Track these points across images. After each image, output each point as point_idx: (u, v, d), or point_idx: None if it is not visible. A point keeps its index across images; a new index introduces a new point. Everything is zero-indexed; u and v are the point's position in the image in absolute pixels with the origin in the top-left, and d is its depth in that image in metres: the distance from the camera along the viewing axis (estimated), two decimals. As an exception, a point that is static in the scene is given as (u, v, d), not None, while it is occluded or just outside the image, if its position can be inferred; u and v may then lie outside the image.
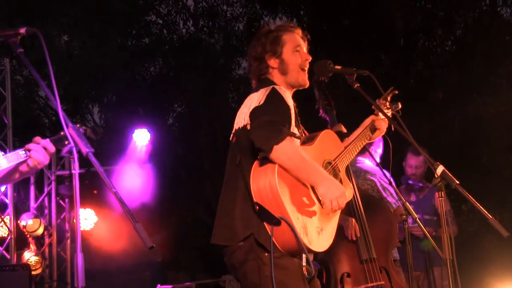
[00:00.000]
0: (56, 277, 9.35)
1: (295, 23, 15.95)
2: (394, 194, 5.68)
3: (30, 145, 2.99)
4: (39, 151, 2.98)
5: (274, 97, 3.68)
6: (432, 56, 14.87)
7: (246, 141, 3.65)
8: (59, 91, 2.65)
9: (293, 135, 3.67)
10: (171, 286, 9.35)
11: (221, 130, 13.65)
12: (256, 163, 3.61)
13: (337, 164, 3.97)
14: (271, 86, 3.75)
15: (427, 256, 6.28)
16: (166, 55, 16.35)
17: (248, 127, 3.64)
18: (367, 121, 4.38)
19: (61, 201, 9.52)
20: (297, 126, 3.89)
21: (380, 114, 4.26)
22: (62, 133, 2.99)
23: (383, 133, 4.40)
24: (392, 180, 4.93)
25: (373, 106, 4.16)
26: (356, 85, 3.90)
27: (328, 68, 4.09)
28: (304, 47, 4.06)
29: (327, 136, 4.03)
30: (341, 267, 4.66)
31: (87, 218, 9.65)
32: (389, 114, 4.29)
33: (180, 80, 15.17)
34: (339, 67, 4.08)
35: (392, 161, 4.73)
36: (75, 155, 2.50)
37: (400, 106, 4.38)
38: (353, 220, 4.62)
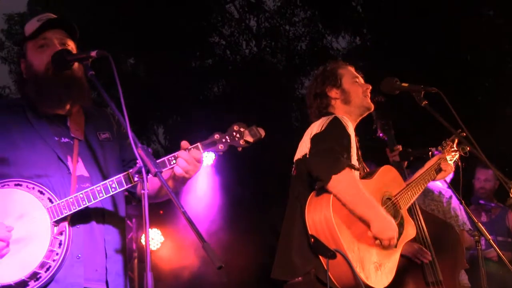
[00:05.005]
0: (123, 296, 9.44)
1: (358, 41, 15.83)
2: (464, 215, 5.53)
3: (179, 152, 2.88)
4: (186, 158, 2.88)
5: (336, 125, 3.67)
6: (501, 72, 14.48)
7: (305, 171, 3.63)
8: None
9: (352, 166, 3.60)
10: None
11: (285, 150, 13.61)
12: (312, 194, 3.58)
13: (398, 201, 3.88)
14: (333, 115, 3.75)
15: (501, 280, 6.06)
16: (229, 76, 16.49)
17: (308, 155, 3.63)
18: (433, 160, 4.32)
19: (128, 221, 9.64)
20: (358, 160, 3.84)
21: (448, 156, 4.26)
22: (216, 136, 2.96)
23: (448, 174, 4.34)
24: (462, 200, 4.81)
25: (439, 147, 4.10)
26: (424, 103, 3.83)
27: (395, 85, 4.05)
28: (361, 79, 4.07)
29: (387, 172, 3.98)
30: (407, 290, 4.56)
31: (153, 238, 9.75)
32: (456, 157, 4.31)
33: (243, 100, 15.25)
34: (406, 85, 4.03)
35: (462, 182, 4.61)
36: (144, 175, 2.51)
37: (468, 149, 4.30)
38: (417, 245, 4.45)
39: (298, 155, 3.78)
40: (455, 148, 4.37)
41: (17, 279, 2.68)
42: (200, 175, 9.74)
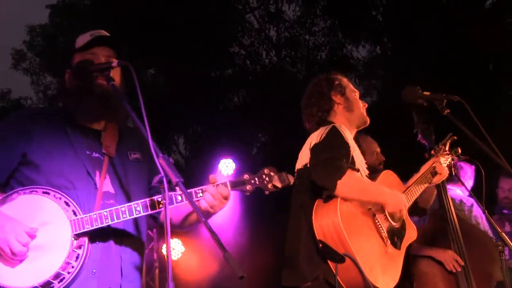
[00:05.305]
0: (145, 306, 9.47)
1: (379, 50, 15.74)
2: (486, 224, 5.47)
3: (207, 186, 2.94)
4: (214, 193, 2.93)
5: (334, 134, 3.79)
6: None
7: (308, 181, 3.71)
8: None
9: (353, 167, 3.73)
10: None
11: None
12: (318, 202, 3.68)
13: None
14: (331, 124, 3.86)
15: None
16: (249, 85, 16.51)
17: (308, 165, 3.74)
18: (428, 164, 4.37)
19: (149, 231, 9.66)
20: (361, 165, 3.92)
21: (441, 159, 4.35)
22: (245, 176, 3.01)
23: (444, 178, 4.40)
24: (485, 209, 4.75)
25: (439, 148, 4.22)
26: (446, 111, 3.80)
27: (417, 93, 4.04)
28: (358, 94, 4.20)
29: (388, 176, 4.13)
30: (440, 300, 4.53)
31: (174, 248, 9.77)
32: (449, 159, 4.41)
33: (263, 110, 15.26)
34: (427, 93, 4.01)
35: (485, 190, 4.57)
36: (165, 185, 2.51)
37: (460, 151, 4.46)
38: (451, 252, 4.45)
39: (299, 165, 3.89)
40: (448, 152, 4.45)
41: (30, 285, 2.69)
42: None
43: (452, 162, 4.55)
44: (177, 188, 2.56)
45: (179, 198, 2.90)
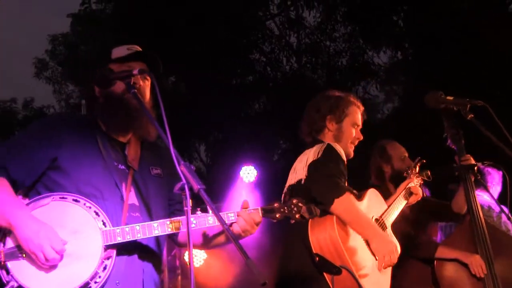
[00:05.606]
0: (167, 313, 9.46)
1: (400, 56, 15.59)
2: (512, 230, 5.41)
3: (240, 211, 3.04)
4: (247, 219, 3.03)
5: (331, 152, 3.92)
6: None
7: (303, 196, 3.68)
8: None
9: (351, 191, 3.89)
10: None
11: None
12: None
13: (383, 221, 4.21)
14: (326, 143, 3.99)
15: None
16: (270, 92, 16.51)
17: (303, 181, 3.89)
18: (402, 186, 4.57)
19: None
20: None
21: (414, 181, 4.61)
22: (276, 205, 3.14)
23: (420, 198, 4.60)
24: (510, 215, 4.70)
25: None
26: (470, 116, 3.77)
27: (440, 99, 4.01)
28: (359, 127, 4.27)
29: (373, 194, 4.25)
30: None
31: (196, 255, 9.75)
32: (419, 181, 4.68)
33: (284, 116, 15.24)
34: (451, 98, 3.99)
35: (510, 196, 4.51)
36: (187, 192, 2.50)
37: (429, 173, 4.70)
38: (478, 257, 4.40)
39: (292, 181, 4.05)
40: (418, 174, 4.67)
41: None
42: (241, 191, 9.73)
43: (422, 183, 4.78)
44: (209, 210, 2.60)
45: (210, 220, 2.98)
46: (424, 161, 4.61)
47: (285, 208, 3.14)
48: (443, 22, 13.56)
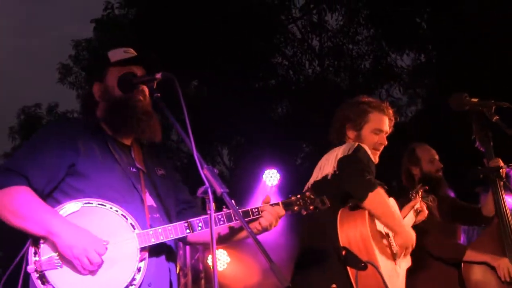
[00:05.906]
0: (191, 317, 9.48)
1: (423, 58, 15.48)
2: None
3: (264, 206, 3.15)
4: (272, 212, 3.14)
5: (362, 151, 4.00)
6: None
7: (332, 190, 3.82)
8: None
9: (382, 185, 3.98)
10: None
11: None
12: (342, 211, 3.91)
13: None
14: (356, 143, 4.07)
15: None
16: (292, 96, 16.49)
17: (330, 176, 3.99)
18: (409, 207, 4.50)
19: (194, 242, 9.67)
20: None
21: (417, 204, 4.52)
22: (293, 198, 3.27)
23: (425, 217, 4.53)
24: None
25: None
26: (495, 118, 3.74)
27: (464, 101, 4.00)
28: (385, 131, 4.29)
29: (392, 202, 4.23)
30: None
31: (219, 259, 9.77)
32: (424, 205, 4.58)
33: (306, 120, 15.21)
34: (475, 100, 3.98)
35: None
36: (210, 196, 2.51)
37: (433, 198, 4.67)
38: (506, 260, 4.36)
39: (316, 177, 4.14)
40: (421, 199, 4.64)
41: None
42: (264, 194, 9.72)
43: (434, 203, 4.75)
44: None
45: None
46: (427, 187, 4.66)
47: (301, 200, 3.27)
48: (467, 24, 13.44)
